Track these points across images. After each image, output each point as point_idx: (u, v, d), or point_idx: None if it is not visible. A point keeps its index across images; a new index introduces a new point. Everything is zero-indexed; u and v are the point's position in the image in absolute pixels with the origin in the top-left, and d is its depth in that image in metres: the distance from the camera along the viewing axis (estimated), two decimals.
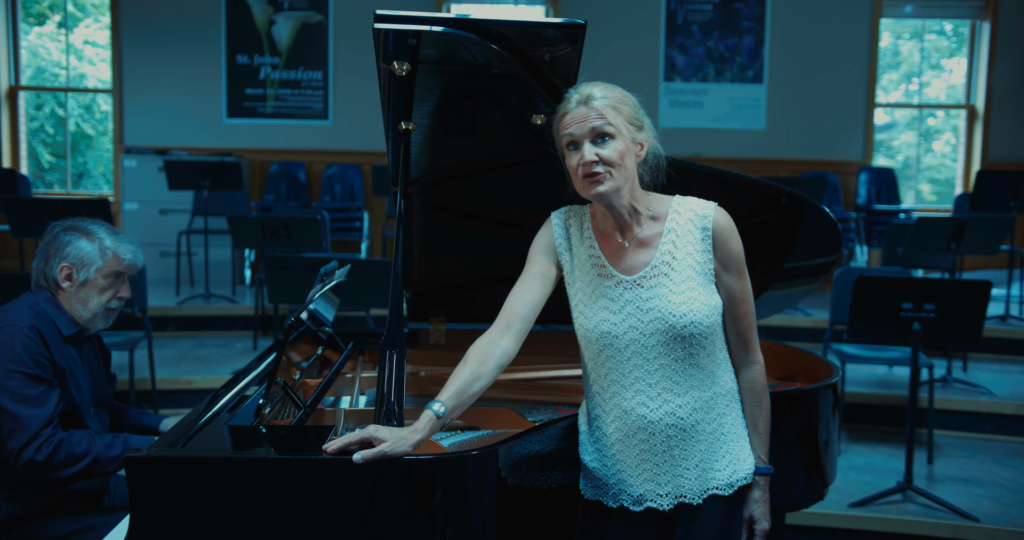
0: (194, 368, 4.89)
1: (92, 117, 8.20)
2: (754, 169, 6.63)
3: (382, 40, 1.78)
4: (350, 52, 7.18)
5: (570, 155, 1.64)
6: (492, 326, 1.69)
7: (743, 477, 1.71)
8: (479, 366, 1.64)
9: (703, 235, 1.67)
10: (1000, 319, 5.56)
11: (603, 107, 1.61)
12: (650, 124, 1.69)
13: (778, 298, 2.79)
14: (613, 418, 1.68)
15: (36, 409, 2.06)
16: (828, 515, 3.49)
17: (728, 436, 1.70)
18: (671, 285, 1.64)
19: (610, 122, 1.60)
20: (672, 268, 1.65)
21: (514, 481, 1.73)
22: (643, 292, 1.65)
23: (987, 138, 7.32)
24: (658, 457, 1.66)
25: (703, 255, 1.66)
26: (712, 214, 1.68)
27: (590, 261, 1.71)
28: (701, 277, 1.65)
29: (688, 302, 1.62)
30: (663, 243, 1.67)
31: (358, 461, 1.50)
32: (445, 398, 1.59)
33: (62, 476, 2.09)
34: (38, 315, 2.17)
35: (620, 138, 1.61)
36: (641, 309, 1.64)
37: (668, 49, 7.19)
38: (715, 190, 1.87)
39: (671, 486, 1.66)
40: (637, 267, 1.67)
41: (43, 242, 2.28)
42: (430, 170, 2.26)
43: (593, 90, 1.63)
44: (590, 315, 1.67)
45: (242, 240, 5.19)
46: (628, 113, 1.63)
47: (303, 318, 2.15)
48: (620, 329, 1.64)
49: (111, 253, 2.26)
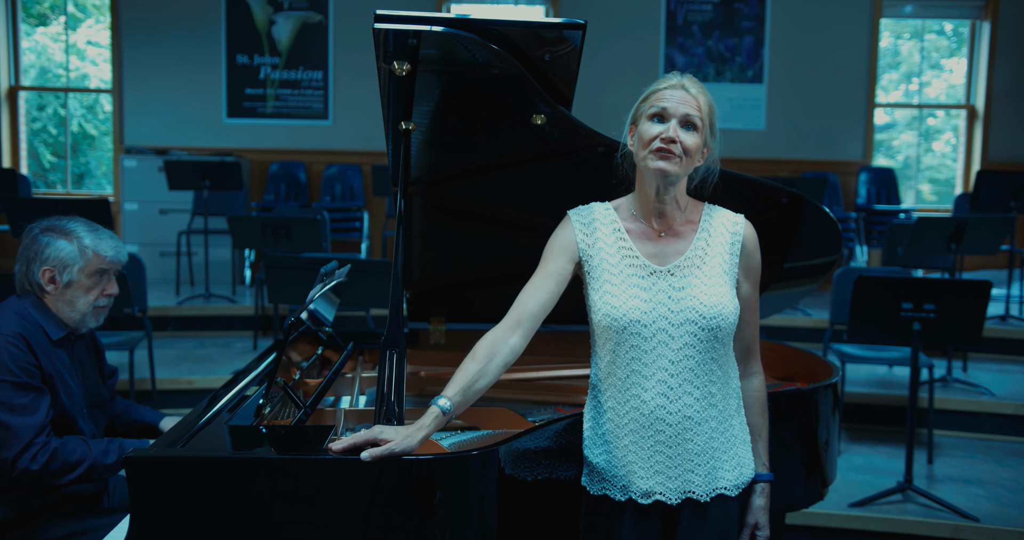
0: (194, 368, 4.89)
1: (95, 117, 8.20)
2: (754, 169, 6.63)
3: (382, 40, 1.78)
4: (350, 52, 7.18)
5: (650, 126, 1.66)
6: (502, 322, 1.70)
7: (747, 480, 1.74)
8: (487, 363, 1.64)
9: (732, 239, 1.72)
10: (1000, 319, 5.56)
11: (700, 101, 1.67)
12: (719, 142, 1.75)
13: (778, 298, 2.79)
14: (630, 408, 1.68)
15: (27, 418, 2.04)
16: (828, 515, 3.48)
17: (736, 438, 1.72)
18: (703, 277, 1.68)
19: (701, 116, 1.66)
20: (704, 262, 1.70)
21: (512, 468, 1.73)
22: (675, 281, 1.68)
23: (987, 138, 7.32)
24: (671, 450, 1.67)
25: (731, 258, 1.72)
26: (743, 223, 1.75)
27: (620, 253, 1.72)
28: (728, 277, 1.70)
29: (718, 296, 1.66)
30: (697, 238, 1.72)
31: (366, 459, 1.50)
32: (451, 394, 1.60)
33: (58, 484, 2.08)
34: (24, 320, 2.13)
35: (701, 134, 1.67)
36: (672, 298, 1.67)
37: (668, 49, 7.19)
38: (715, 190, 1.86)
39: (680, 480, 1.67)
40: (670, 257, 1.71)
41: (22, 245, 2.23)
42: (430, 170, 2.26)
43: (691, 83, 1.68)
44: (618, 303, 1.67)
45: (242, 240, 5.19)
46: (713, 119, 1.70)
47: (303, 318, 2.15)
48: (650, 317, 1.66)
49: (91, 251, 2.21)
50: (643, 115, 1.69)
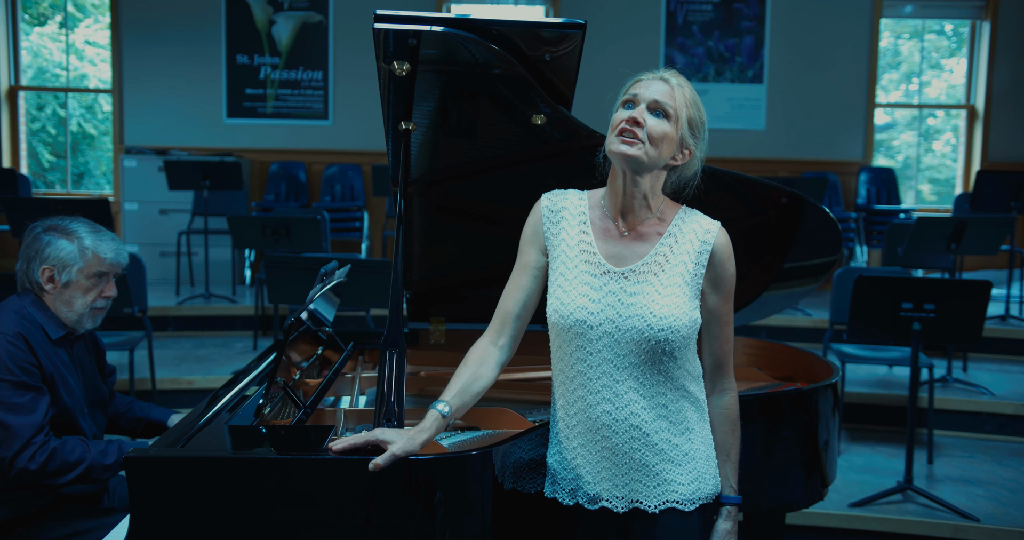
0: (194, 368, 4.89)
1: (94, 117, 8.20)
2: (754, 169, 6.63)
3: (382, 40, 1.78)
4: (350, 52, 7.18)
5: (620, 112, 1.60)
6: (488, 328, 1.70)
7: (706, 496, 1.64)
8: (479, 367, 1.65)
9: (701, 248, 1.62)
10: (1000, 319, 5.56)
11: (676, 91, 1.59)
12: (704, 145, 1.66)
13: (778, 298, 2.79)
14: (577, 411, 1.63)
15: (26, 417, 2.03)
16: (828, 515, 3.49)
17: (696, 453, 1.63)
18: (658, 285, 1.59)
19: (675, 106, 1.58)
20: (663, 269, 1.60)
21: (513, 481, 1.73)
22: (628, 285, 1.60)
23: (987, 138, 7.32)
24: (618, 457, 1.60)
25: (696, 268, 1.61)
26: (716, 232, 1.64)
27: (579, 247, 1.65)
28: (688, 288, 1.60)
29: (671, 307, 1.57)
30: (661, 243, 1.63)
31: (372, 469, 1.49)
32: (449, 398, 1.60)
33: (56, 484, 2.08)
34: (24, 319, 2.13)
35: (673, 124, 1.58)
36: (622, 303, 1.58)
37: (668, 49, 7.19)
38: (715, 190, 1.86)
39: (627, 489, 1.61)
40: (628, 259, 1.62)
41: (24, 243, 2.23)
42: (430, 170, 2.26)
43: (674, 77, 1.62)
44: (567, 300, 1.61)
45: (242, 240, 5.19)
46: (693, 116, 1.61)
47: (303, 318, 2.15)
48: (596, 319, 1.58)
49: (91, 253, 2.21)
50: (618, 105, 1.63)
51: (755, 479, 2.18)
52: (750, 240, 2.61)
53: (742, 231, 2.60)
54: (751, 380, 2.66)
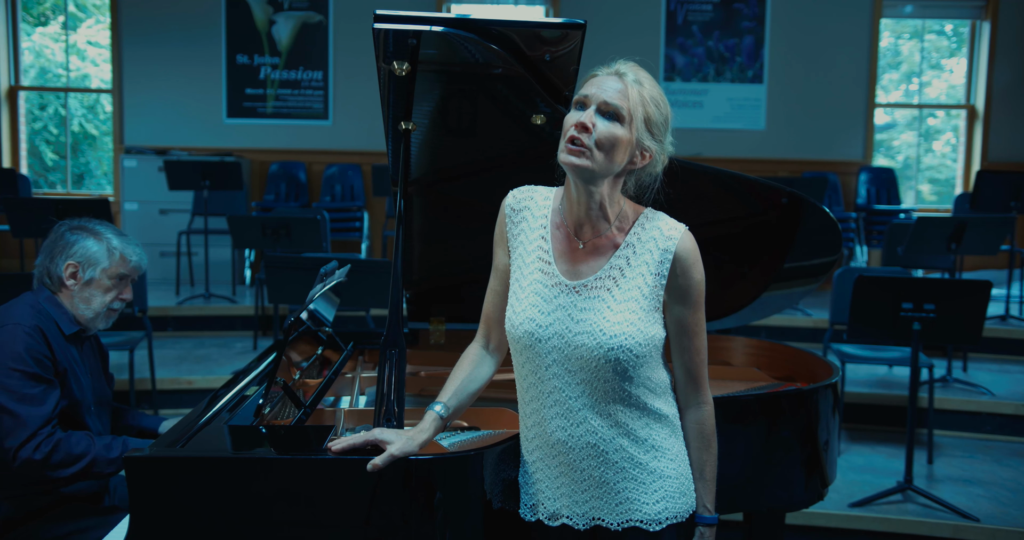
0: (194, 368, 4.89)
1: (96, 117, 8.21)
2: (754, 169, 6.63)
3: (382, 40, 1.78)
4: (350, 52, 7.18)
5: (571, 113, 1.48)
6: (477, 332, 1.71)
7: (674, 516, 1.54)
8: (473, 368, 1.66)
9: (662, 257, 1.50)
10: (1000, 319, 5.56)
11: (631, 90, 1.46)
12: (667, 145, 1.54)
13: (778, 298, 2.79)
14: (533, 423, 1.58)
15: (36, 408, 2.06)
16: (828, 515, 3.49)
17: (664, 472, 1.54)
18: (611, 302, 1.49)
19: (629, 108, 1.45)
20: (617, 284, 1.50)
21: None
22: (579, 301, 1.50)
23: (987, 138, 7.32)
24: (576, 474, 1.54)
25: (654, 280, 1.50)
26: (678, 238, 1.51)
27: (536, 253, 1.57)
28: (645, 302, 1.49)
29: (623, 324, 1.47)
30: (616, 256, 1.52)
31: (370, 470, 1.49)
32: (446, 399, 1.61)
33: (60, 476, 2.09)
34: (39, 314, 2.18)
35: (627, 128, 1.46)
36: (572, 318, 1.50)
37: (668, 49, 7.19)
38: (715, 190, 1.87)
39: (587, 506, 1.55)
40: (582, 273, 1.53)
41: (48, 240, 2.28)
42: (430, 170, 2.26)
43: (632, 71, 1.49)
44: (519, 310, 1.54)
45: (242, 240, 5.19)
46: (652, 115, 1.48)
47: (303, 318, 2.15)
48: (546, 333, 1.50)
49: (118, 254, 2.28)
50: (573, 103, 1.50)
51: (755, 479, 2.18)
52: (750, 240, 2.61)
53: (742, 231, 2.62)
54: (751, 380, 2.66)
